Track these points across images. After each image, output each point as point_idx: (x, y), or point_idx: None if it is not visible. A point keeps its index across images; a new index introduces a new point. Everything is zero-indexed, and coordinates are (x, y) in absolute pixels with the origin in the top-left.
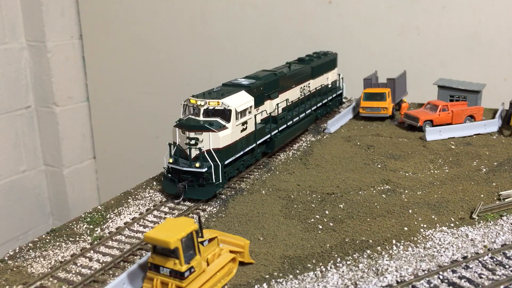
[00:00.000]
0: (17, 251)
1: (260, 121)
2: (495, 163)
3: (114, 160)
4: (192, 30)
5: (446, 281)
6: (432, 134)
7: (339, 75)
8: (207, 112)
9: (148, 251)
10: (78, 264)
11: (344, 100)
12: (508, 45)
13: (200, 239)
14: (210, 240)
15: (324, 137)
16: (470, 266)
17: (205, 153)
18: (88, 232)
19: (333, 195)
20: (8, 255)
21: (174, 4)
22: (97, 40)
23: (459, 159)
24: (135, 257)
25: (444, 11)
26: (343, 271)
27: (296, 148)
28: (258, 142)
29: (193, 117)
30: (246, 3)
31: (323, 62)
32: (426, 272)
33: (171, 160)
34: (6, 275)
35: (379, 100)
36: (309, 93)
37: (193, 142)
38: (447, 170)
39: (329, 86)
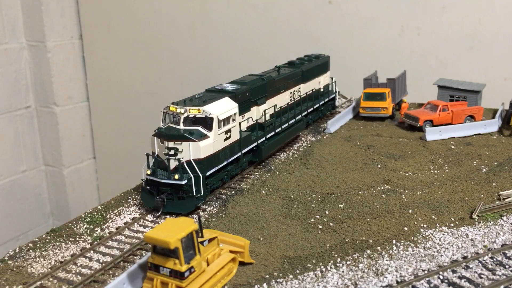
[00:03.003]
0: (17, 251)
1: (246, 129)
2: (495, 163)
3: (114, 160)
4: (192, 30)
5: (446, 281)
6: (432, 134)
7: (332, 78)
8: (188, 120)
9: (148, 251)
10: (78, 264)
11: (337, 103)
12: (508, 45)
13: (200, 239)
14: (210, 240)
15: (324, 137)
16: (470, 266)
17: (185, 164)
18: (88, 232)
19: (333, 195)
20: (8, 255)
21: (174, 4)
22: (97, 40)
23: (459, 159)
24: (135, 257)
25: (444, 11)
26: (343, 271)
27: (296, 148)
28: (243, 151)
29: (172, 125)
30: (246, 3)
31: (315, 65)
32: (426, 272)
33: (149, 172)
34: (6, 275)
35: (379, 100)
36: (299, 98)
37: (172, 152)
38: (447, 170)
39: (321, 90)
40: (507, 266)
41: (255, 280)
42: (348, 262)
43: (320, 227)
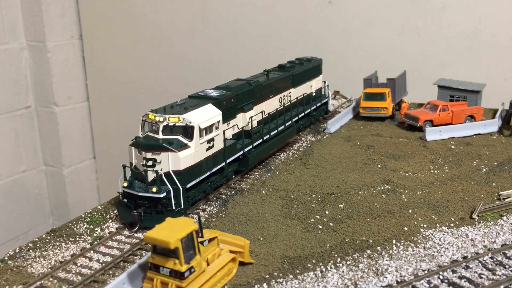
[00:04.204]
0: (17, 251)
1: (231, 137)
2: (495, 163)
3: (114, 160)
4: (192, 30)
5: (446, 281)
6: (432, 134)
7: (325, 82)
8: (167, 129)
9: (148, 251)
10: (78, 264)
11: (330, 108)
12: (508, 45)
13: (200, 239)
14: (210, 240)
15: (324, 137)
16: (470, 266)
17: (163, 176)
18: (88, 232)
19: (333, 195)
20: (8, 255)
21: (174, 4)
22: (97, 40)
23: (459, 159)
24: (135, 257)
25: (444, 11)
26: (343, 271)
27: (296, 148)
28: (228, 161)
29: (151, 134)
30: (246, 3)
31: (306, 69)
32: (426, 272)
33: (125, 184)
34: (6, 275)
35: (379, 100)
36: (289, 103)
37: (150, 163)
38: (447, 170)
39: (313, 94)
40: (507, 266)
41: (255, 280)
42: (348, 262)
43: (320, 227)
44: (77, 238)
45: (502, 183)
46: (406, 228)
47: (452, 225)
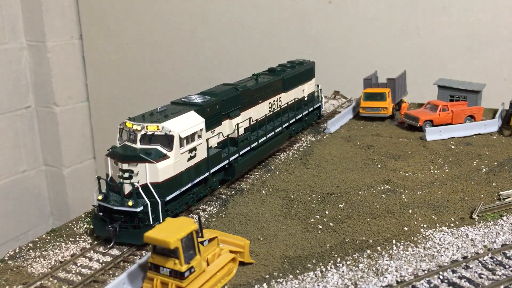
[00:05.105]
0: (17, 251)
1: (216, 145)
2: (495, 163)
3: None
4: (192, 30)
5: (446, 281)
6: (432, 134)
7: (318, 86)
8: (146, 138)
9: (148, 251)
10: (78, 264)
11: (323, 112)
12: (508, 45)
13: (200, 239)
14: (210, 240)
15: (324, 137)
16: (470, 266)
17: (140, 188)
18: (88, 232)
19: (333, 195)
20: (8, 255)
21: (174, 4)
22: (97, 40)
23: (459, 159)
24: (135, 257)
25: (444, 11)
26: (343, 271)
27: (296, 148)
28: (212, 171)
29: (129, 144)
30: (246, 3)
31: (298, 72)
32: (426, 272)
33: (100, 197)
34: (6, 275)
35: (379, 100)
36: (279, 108)
37: (126, 175)
38: (447, 170)
39: (305, 99)
40: (507, 266)
41: (255, 280)
42: (348, 262)
43: (320, 227)
44: (77, 238)
45: (502, 183)
46: (406, 228)
47: (452, 225)
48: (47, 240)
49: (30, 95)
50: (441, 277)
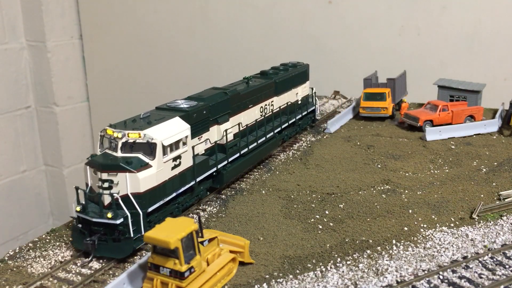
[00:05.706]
0: (17, 251)
1: (203, 152)
2: (495, 163)
3: None
4: (192, 30)
5: (446, 281)
6: (432, 134)
7: (312, 89)
8: (127, 146)
9: (148, 251)
10: (78, 264)
11: (318, 116)
12: (508, 45)
13: (200, 239)
14: (210, 240)
15: (324, 137)
16: (470, 266)
17: (120, 199)
18: None
19: (333, 195)
20: (8, 255)
21: (174, 4)
22: (97, 40)
23: (459, 159)
24: (135, 257)
25: (444, 11)
26: (343, 271)
27: (296, 148)
28: (198, 179)
29: (109, 152)
30: (246, 3)
31: (291, 75)
32: (426, 272)
33: (78, 208)
34: (6, 275)
35: (379, 100)
36: (271, 112)
37: (106, 185)
38: (447, 170)
39: (299, 102)
40: (507, 266)
41: (255, 280)
42: (348, 262)
43: (320, 227)
44: None
45: (502, 183)
46: (406, 228)
47: (452, 225)
48: (47, 240)
49: (30, 95)
50: (441, 277)
